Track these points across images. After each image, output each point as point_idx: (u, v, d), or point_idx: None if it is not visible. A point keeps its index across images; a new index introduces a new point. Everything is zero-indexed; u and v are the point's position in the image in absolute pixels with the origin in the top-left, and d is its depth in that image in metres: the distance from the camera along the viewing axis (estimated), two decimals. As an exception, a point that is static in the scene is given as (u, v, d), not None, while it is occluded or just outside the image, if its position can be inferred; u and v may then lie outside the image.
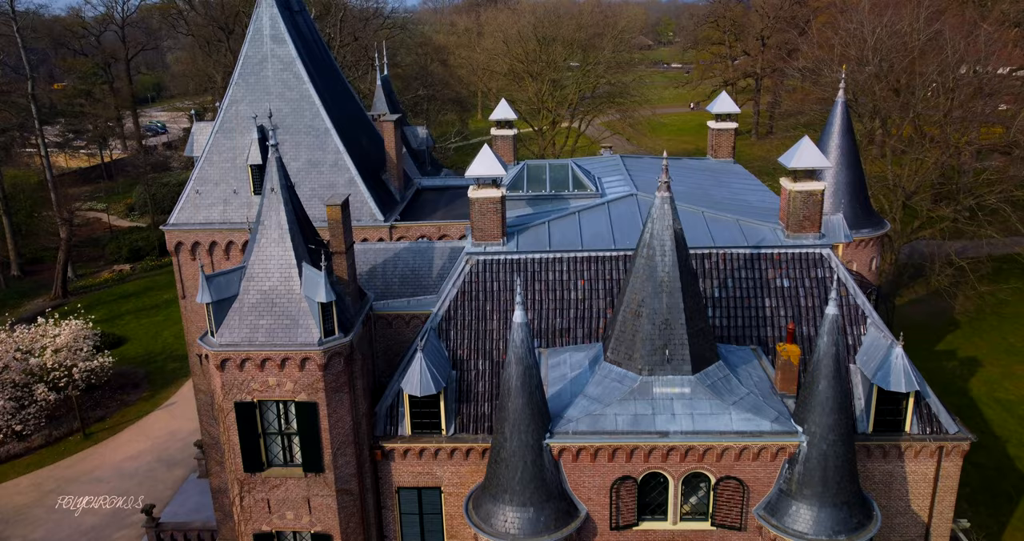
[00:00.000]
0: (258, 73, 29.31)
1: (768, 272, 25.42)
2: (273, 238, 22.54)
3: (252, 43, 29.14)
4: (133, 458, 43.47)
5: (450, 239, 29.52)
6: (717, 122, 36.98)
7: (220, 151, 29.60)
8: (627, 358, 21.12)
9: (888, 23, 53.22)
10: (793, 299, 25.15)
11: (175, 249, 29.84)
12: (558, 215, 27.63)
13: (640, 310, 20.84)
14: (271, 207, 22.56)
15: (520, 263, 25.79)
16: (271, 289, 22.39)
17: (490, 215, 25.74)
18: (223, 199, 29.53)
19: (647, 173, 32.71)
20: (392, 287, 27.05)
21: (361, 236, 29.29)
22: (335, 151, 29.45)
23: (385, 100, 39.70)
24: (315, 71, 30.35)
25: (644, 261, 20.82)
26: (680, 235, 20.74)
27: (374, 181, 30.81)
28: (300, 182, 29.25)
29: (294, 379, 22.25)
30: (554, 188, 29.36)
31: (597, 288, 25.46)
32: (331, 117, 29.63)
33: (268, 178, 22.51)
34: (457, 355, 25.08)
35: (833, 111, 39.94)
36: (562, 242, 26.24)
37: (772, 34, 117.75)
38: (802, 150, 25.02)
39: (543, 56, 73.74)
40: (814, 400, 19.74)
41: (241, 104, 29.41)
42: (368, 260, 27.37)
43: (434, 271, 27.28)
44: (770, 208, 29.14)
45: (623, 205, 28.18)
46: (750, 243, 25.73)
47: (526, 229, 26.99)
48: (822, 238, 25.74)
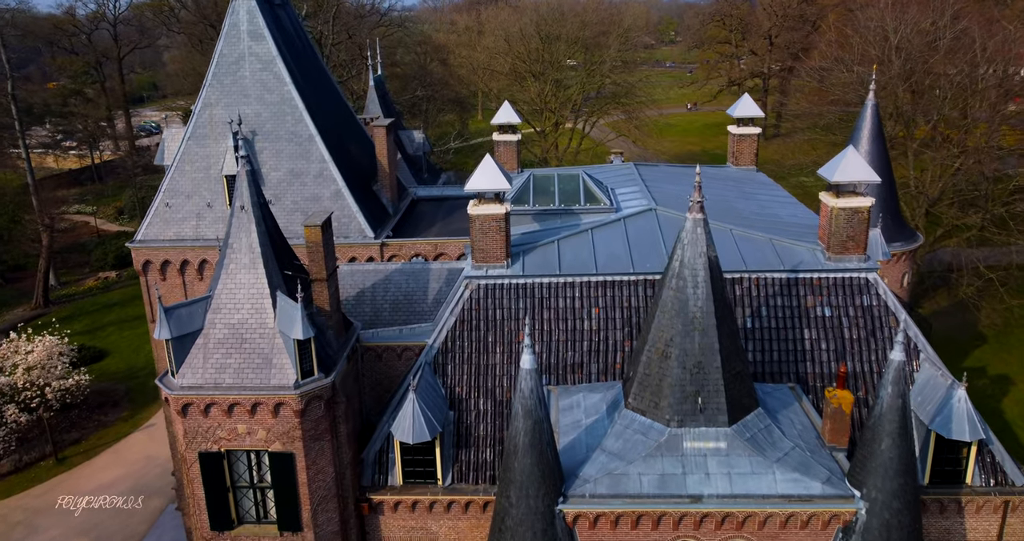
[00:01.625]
0: (234, 73, 26.35)
1: (807, 299, 22.48)
2: (243, 263, 19.59)
3: (227, 40, 26.19)
4: (108, 487, 40.51)
5: (448, 258, 26.58)
6: (739, 127, 34.00)
7: (192, 160, 26.65)
8: (652, 406, 18.16)
9: (912, 21, 50.24)
10: (835, 330, 22.20)
11: (143, 268, 26.91)
12: (569, 233, 24.66)
13: (668, 350, 17.88)
14: (241, 227, 19.61)
15: (526, 288, 22.84)
16: (240, 323, 19.43)
17: (492, 234, 22.78)
18: (196, 213, 26.59)
19: (665, 184, 29.75)
20: (382, 314, 24.11)
21: (349, 254, 26.34)
22: (320, 160, 26.50)
23: (378, 102, 36.77)
24: (299, 71, 27.37)
25: (673, 293, 17.86)
26: (715, 263, 17.79)
27: (364, 193, 27.84)
28: (281, 194, 26.31)
29: (267, 426, 19.30)
30: (564, 201, 26.39)
31: (614, 317, 22.52)
32: (316, 122, 26.66)
33: (237, 194, 19.56)
34: (455, 393, 22.15)
35: (862, 114, 37.10)
36: (574, 264, 23.29)
37: (780, 33, 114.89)
38: (847, 162, 22.07)
39: (546, 55, 70.72)
40: (875, 460, 16.78)
41: (215, 108, 26.45)
42: (356, 283, 24.43)
43: (429, 296, 24.33)
44: (804, 224, 26.19)
45: (641, 221, 25.22)
46: (786, 266, 22.77)
47: (533, 249, 24.03)
48: (867, 261, 22.78)
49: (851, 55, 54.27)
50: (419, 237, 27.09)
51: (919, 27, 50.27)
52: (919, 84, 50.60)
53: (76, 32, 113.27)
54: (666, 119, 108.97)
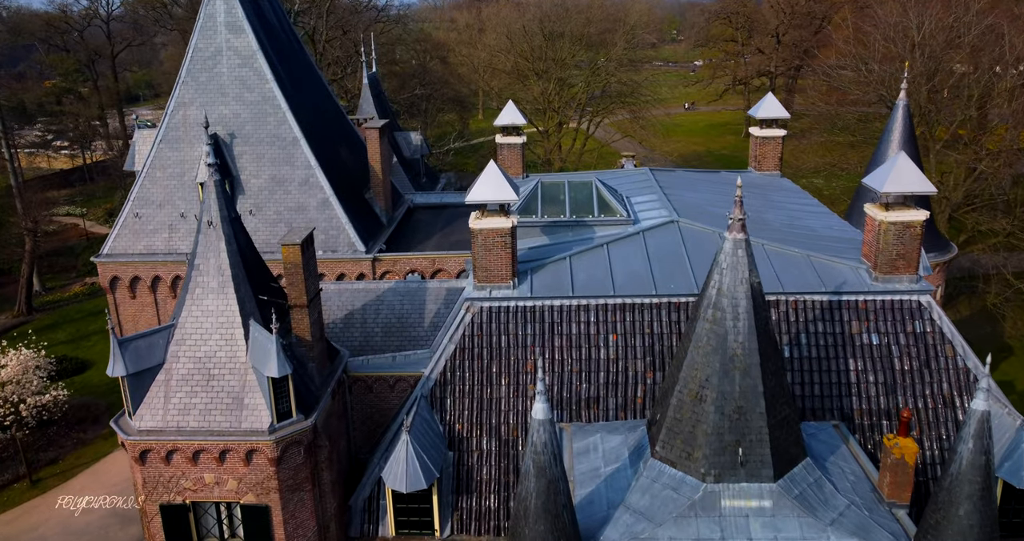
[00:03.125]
0: (210, 69, 23.79)
1: (852, 325, 19.93)
2: (211, 288, 17.03)
3: (203, 32, 23.67)
4: (84, 511, 37.92)
5: (447, 275, 24.02)
6: (761, 129, 31.46)
7: (164, 165, 24.10)
8: (684, 456, 15.60)
9: (935, 17, 47.65)
10: (885, 360, 19.65)
11: (110, 285, 24.36)
12: (582, 248, 22.10)
13: (704, 393, 15.32)
14: (209, 246, 17.05)
15: (535, 312, 20.28)
16: (207, 356, 16.88)
17: (497, 251, 20.22)
18: (168, 224, 24.04)
19: (684, 191, 27.19)
20: (373, 338, 21.57)
21: (337, 270, 23.78)
22: (306, 165, 23.95)
23: (372, 101, 34.21)
24: (282, 67, 24.80)
25: (709, 326, 15.29)
26: (758, 291, 15.23)
27: (355, 201, 25.27)
28: (263, 203, 23.75)
29: (238, 476, 16.74)
30: (576, 212, 23.83)
31: (633, 344, 19.97)
32: (301, 123, 24.11)
33: (205, 207, 17.00)
34: (455, 431, 19.62)
35: (893, 116, 34.58)
36: (588, 284, 20.72)
37: (787, 31, 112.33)
38: (898, 171, 19.50)
39: (550, 53, 68.04)
40: (950, 526, 14.20)
41: (190, 107, 23.90)
42: (344, 303, 21.87)
43: (426, 318, 21.78)
44: (843, 238, 23.64)
45: (662, 235, 22.64)
46: (828, 288, 20.21)
47: (542, 266, 21.47)
48: (919, 281, 20.22)
49: (870, 53, 51.66)
50: (415, 251, 24.52)
51: (943, 24, 47.66)
52: (943, 83, 48.03)
53: (68, 29, 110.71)
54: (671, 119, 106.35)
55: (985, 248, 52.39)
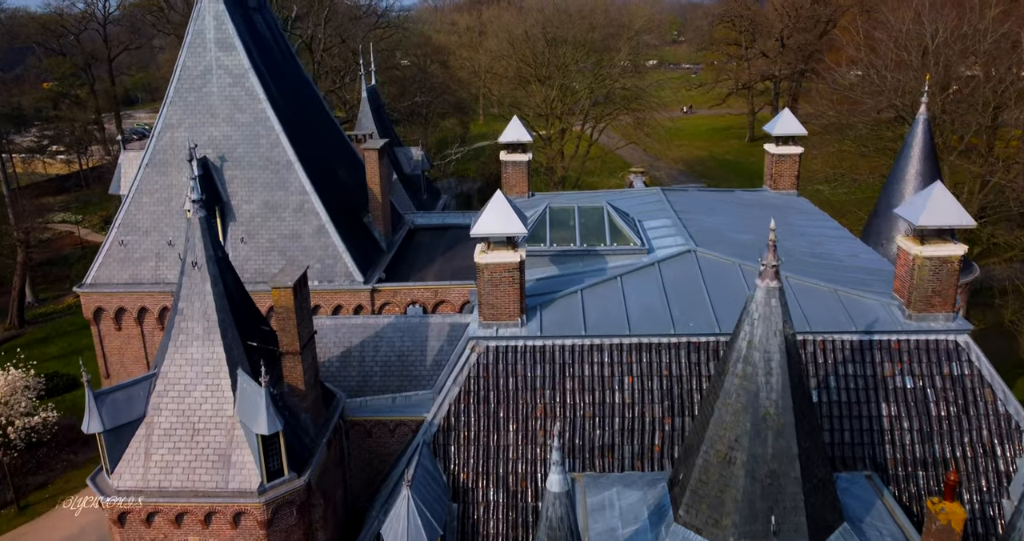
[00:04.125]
0: (199, 89, 22.47)
1: (884, 367, 18.61)
2: (196, 334, 15.71)
3: (191, 50, 22.34)
4: (73, 539, 36.61)
5: (450, 307, 22.70)
6: (778, 146, 30.12)
7: (151, 190, 22.80)
8: (711, 523, 14.28)
9: (950, 25, 46.34)
10: (920, 405, 18.33)
11: (94, 317, 23.03)
12: (594, 280, 20.77)
13: (733, 454, 14.00)
14: (193, 289, 15.72)
15: (545, 352, 18.97)
16: (191, 409, 15.56)
17: (504, 286, 18.91)
18: (155, 252, 22.72)
19: (699, 214, 25.87)
20: (372, 378, 20.25)
21: (334, 302, 22.48)
22: (300, 190, 22.65)
23: (372, 116, 32.89)
24: (276, 86, 23.49)
25: (739, 381, 13.97)
26: (792, 344, 13.92)
27: (352, 227, 23.97)
28: (255, 231, 22.43)
29: (226, 540, 15.41)
30: (586, 239, 22.50)
31: (651, 388, 18.65)
32: (296, 145, 22.80)
33: (189, 247, 15.67)
34: (459, 481, 18.30)
35: (913, 130, 33.20)
36: (601, 321, 19.40)
37: (792, 34, 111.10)
38: (935, 202, 18.19)
39: (552, 59, 66.70)
40: (1009, 608, 12.88)
41: (177, 129, 22.59)
42: (341, 340, 20.56)
43: (428, 356, 20.47)
44: (869, 268, 22.31)
45: (679, 266, 21.31)
46: (859, 326, 18.89)
47: (552, 301, 20.14)
48: (956, 319, 18.90)
49: (883, 61, 50.34)
50: (416, 281, 23.20)
51: (958, 32, 46.34)
52: (958, 92, 46.71)
53: (64, 33, 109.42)
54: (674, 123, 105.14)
55: (1000, 261, 51.12)
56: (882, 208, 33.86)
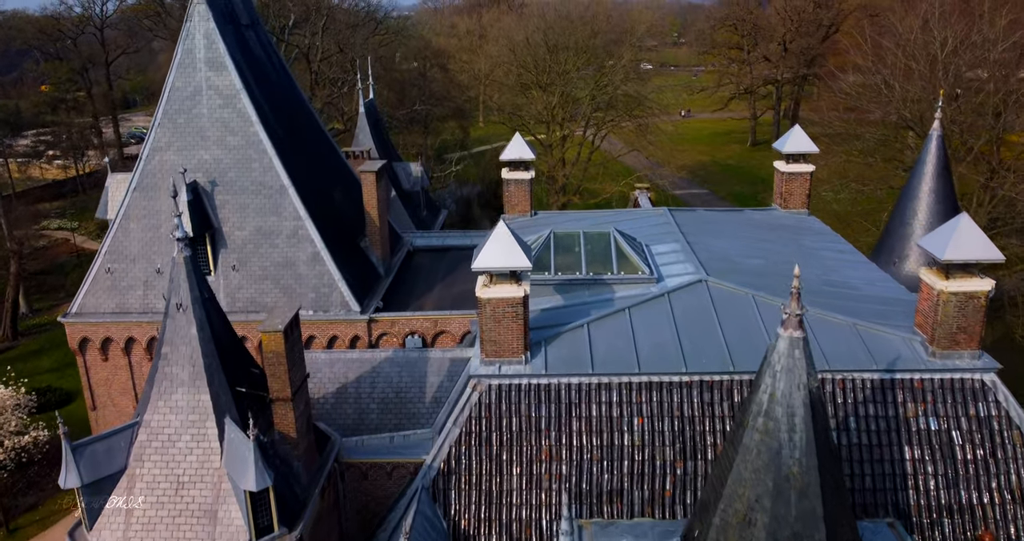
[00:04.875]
0: (189, 111, 21.57)
1: (907, 408, 17.70)
2: (181, 380, 14.79)
3: (180, 70, 21.42)
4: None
5: (450, 338, 21.79)
6: (788, 163, 29.20)
7: (139, 216, 21.89)
8: (730, 587, 13.35)
9: (960, 34, 45.44)
10: (945, 448, 17.43)
11: (80, 347, 22.10)
12: (601, 313, 19.84)
13: (753, 516, 13.08)
14: (178, 333, 14.81)
15: (550, 391, 18.06)
16: (175, 461, 14.65)
17: (507, 322, 18.00)
18: (143, 280, 21.82)
19: (708, 237, 24.96)
20: (368, 416, 19.34)
21: (329, 333, 21.56)
22: (294, 216, 21.75)
23: (370, 131, 31.96)
24: (269, 106, 22.58)
25: (760, 437, 13.06)
26: (817, 398, 13.00)
27: (349, 253, 23.05)
28: (247, 258, 21.51)
29: (211, 599, 14.48)
30: (593, 268, 21.60)
31: (661, 429, 17.75)
32: (289, 168, 21.91)
33: (174, 288, 14.76)
34: (459, 528, 17.40)
35: (926, 147, 32.26)
36: (609, 358, 18.49)
37: (794, 39, 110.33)
38: (960, 235, 17.27)
39: (554, 66, 65.74)
40: None
41: (166, 152, 21.69)
42: (336, 375, 19.64)
43: (427, 393, 19.55)
44: (887, 297, 21.40)
45: (689, 297, 20.40)
46: (879, 364, 17.98)
47: (557, 336, 19.22)
48: (982, 357, 18.00)
49: (891, 71, 49.42)
50: (415, 311, 22.28)
51: (968, 41, 45.44)
52: (967, 103, 45.80)
53: (61, 37, 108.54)
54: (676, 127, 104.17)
55: (1010, 273, 50.18)
56: (894, 226, 32.93)
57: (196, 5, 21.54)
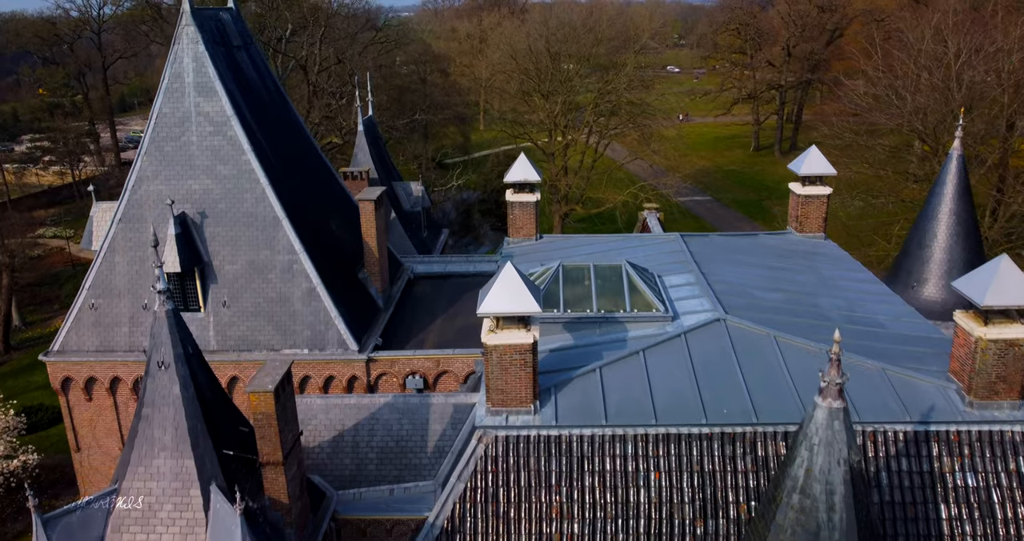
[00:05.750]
0: (177, 138, 20.42)
1: (943, 462, 16.53)
2: (163, 444, 13.63)
3: (168, 96, 20.26)
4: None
5: (453, 378, 20.63)
6: (804, 186, 28.05)
7: (125, 248, 20.72)
8: None
9: (975, 45, 44.31)
10: (984, 507, 16.26)
11: (62, 387, 20.94)
12: (614, 356, 18.69)
13: (788, 602, 11.93)
14: (159, 393, 13.66)
15: (561, 443, 16.91)
16: (156, 533, 13.52)
17: (515, 370, 16.85)
18: (129, 317, 20.67)
19: (723, 266, 23.82)
20: (367, 466, 18.18)
21: (325, 373, 20.42)
22: (288, 249, 20.59)
23: (368, 150, 30.80)
24: (262, 132, 21.42)
25: (795, 515, 11.91)
26: (858, 474, 11.87)
27: (346, 286, 21.91)
28: (238, 293, 20.35)
29: None
30: (604, 304, 20.45)
31: (679, 485, 16.58)
32: (284, 199, 20.79)
33: (155, 344, 13.62)
34: (465, 591, 16.22)
35: (945, 168, 31.14)
36: (623, 407, 17.33)
37: (798, 44, 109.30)
38: (1002, 279, 16.11)
39: (556, 73, 64.60)
40: None
41: (153, 182, 20.54)
42: (332, 422, 18.49)
43: (429, 441, 18.40)
44: (916, 336, 20.25)
45: (707, 338, 19.24)
46: (913, 414, 16.83)
47: (568, 381, 18.07)
48: (1022, 408, 16.84)
49: (903, 82, 48.29)
50: (416, 349, 21.10)
51: (985, 53, 44.32)
52: (981, 116, 44.69)
53: (57, 41, 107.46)
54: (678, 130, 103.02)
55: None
56: (912, 247, 31.79)
57: (184, 27, 20.38)
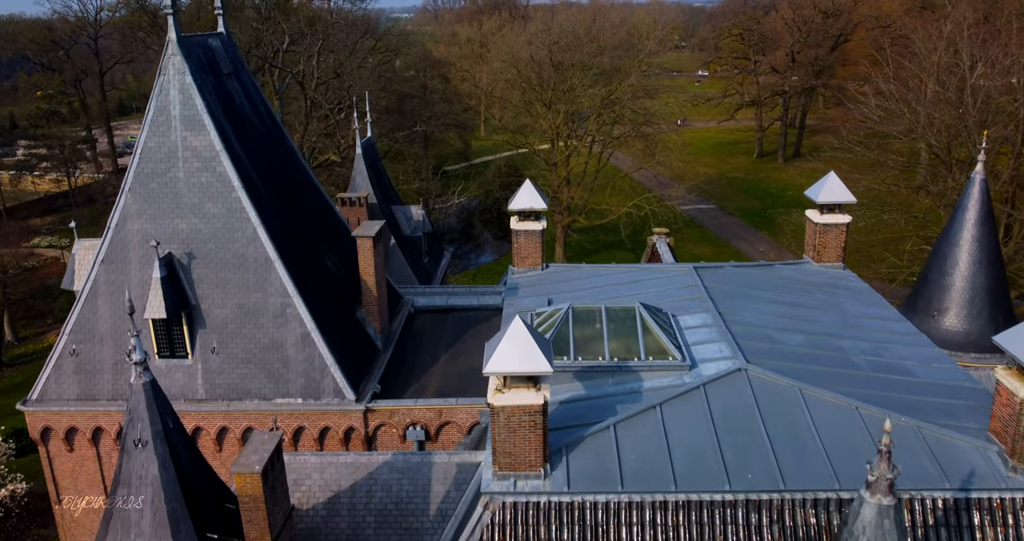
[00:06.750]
0: (163, 174, 19.21)
1: (986, 532, 15.33)
2: (140, 529, 12.44)
3: (153, 129, 19.07)
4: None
5: (456, 430, 19.42)
6: (822, 214, 26.85)
7: (107, 292, 19.55)
8: None
9: (992, 58, 43.10)
10: (1031, 582, 15.06)
11: (41, 437, 19.73)
12: (629, 411, 17.46)
13: None
14: (136, 473, 12.47)
15: (573, 511, 15.69)
16: (133, 630, 12.25)
17: (524, 433, 15.64)
18: (112, 363, 19.48)
19: (741, 304, 22.61)
20: (364, 532, 16.95)
21: (320, 424, 19.23)
22: (282, 293, 19.38)
23: (367, 173, 29.60)
24: (254, 166, 20.23)
25: (839, 623, 10.69)
26: (912, 576, 10.64)
27: (343, 328, 20.70)
28: (228, 340, 19.15)
29: None
30: (617, 350, 19.25)
31: (702, 558, 15.36)
32: (276, 239, 19.59)
33: (131, 421, 12.42)
34: None
35: (967, 191, 30.05)
36: (640, 471, 16.12)
37: (802, 49, 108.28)
38: (1052, 338, 14.90)
39: (560, 83, 63.36)
40: None
41: (138, 221, 19.35)
42: (327, 483, 17.26)
43: (431, 504, 17.18)
44: (949, 386, 19.04)
45: (727, 390, 18.02)
46: (952, 480, 15.63)
47: (580, 441, 16.86)
48: (1070, 472, 15.62)
49: (914, 93, 47.08)
50: (416, 398, 19.88)
51: (1000, 66, 43.11)
52: (1002, 129, 43.46)
53: (54, 46, 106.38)
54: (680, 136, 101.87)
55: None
56: (932, 275, 30.64)
57: (170, 57, 19.20)
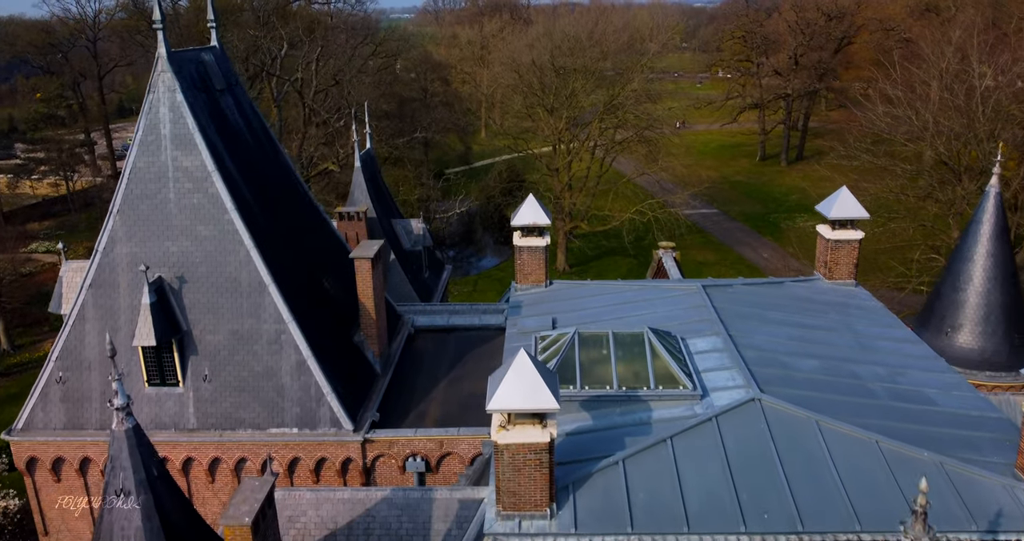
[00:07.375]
0: (153, 196, 18.51)
1: (1015, 577, 14.58)
2: (122, 586, 11.65)
3: (143, 149, 18.36)
4: None
5: (458, 461, 18.72)
6: (834, 230, 26.10)
7: (95, 317, 18.82)
8: None
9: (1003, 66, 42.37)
10: (1063, 630, 14.32)
11: (27, 467, 18.99)
12: (638, 445, 16.72)
13: None
14: (118, 525, 11.73)
15: (581, 554, 14.94)
16: None
17: (529, 472, 14.91)
18: (100, 391, 18.78)
19: (752, 326, 21.87)
20: (362, 572, 16.19)
21: (317, 455, 18.51)
22: (276, 318, 18.65)
23: (365, 187, 28.87)
24: (248, 186, 19.50)
25: None
26: None
27: (341, 354, 19.96)
28: (220, 367, 18.42)
29: None
30: (625, 378, 18.50)
31: (716, 603, 14.61)
32: (271, 261, 18.85)
33: (113, 470, 11.69)
34: None
35: (982, 205, 29.30)
36: (651, 510, 15.38)
37: (805, 52, 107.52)
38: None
39: (562, 88, 62.67)
40: None
41: (127, 244, 18.64)
42: (324, 520, 16.53)
43: (433, 543, 16.42)
44: (971, 416, 18.30)
45: (741, 422, 17.27)
46: (978, 520, 14.89)
47: (587, 477, 16.12)
48: (1104, 513, 14.87)
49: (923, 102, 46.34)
50: (417, 428, 19.16)
51: (1011, 72, 42.38)
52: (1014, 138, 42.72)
53: (52, 49, 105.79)
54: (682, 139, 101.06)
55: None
56: (946, 290, 29.92)
57: (160, 74, 18.47)
